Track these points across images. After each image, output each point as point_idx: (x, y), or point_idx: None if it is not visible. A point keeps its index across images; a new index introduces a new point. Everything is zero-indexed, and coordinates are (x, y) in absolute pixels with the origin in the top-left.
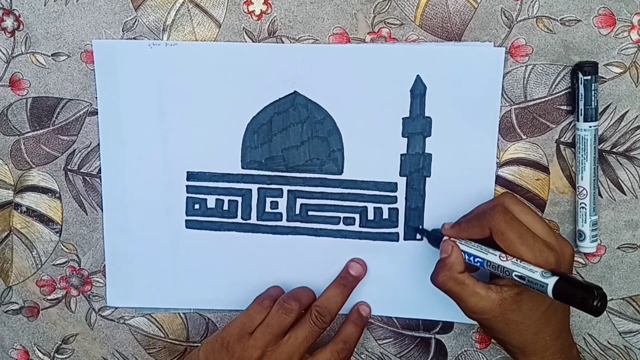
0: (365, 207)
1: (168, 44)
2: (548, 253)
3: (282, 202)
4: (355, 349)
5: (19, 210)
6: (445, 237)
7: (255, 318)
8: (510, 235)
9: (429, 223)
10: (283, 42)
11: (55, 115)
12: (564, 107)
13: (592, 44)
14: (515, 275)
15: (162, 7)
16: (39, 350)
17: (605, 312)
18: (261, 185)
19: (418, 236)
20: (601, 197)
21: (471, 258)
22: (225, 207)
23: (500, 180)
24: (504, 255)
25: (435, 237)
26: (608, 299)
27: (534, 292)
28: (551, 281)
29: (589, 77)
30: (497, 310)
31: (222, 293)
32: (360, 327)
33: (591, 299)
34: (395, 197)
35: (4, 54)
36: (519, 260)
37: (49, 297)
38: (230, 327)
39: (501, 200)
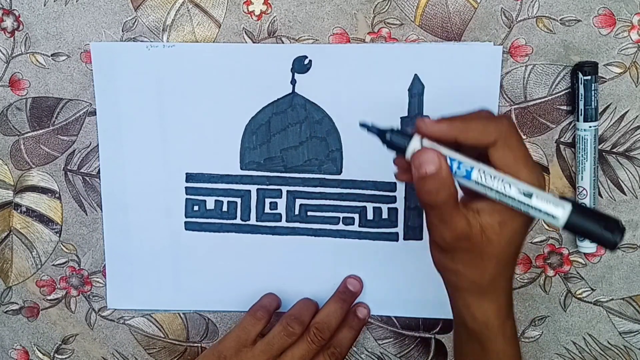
0: (365, 207)
1: (166, 45)
2: (542, 179)
3: (281, 203)
4: (356, 349)
5: (18, 211)
6: (415, 139)
7: (250, 330)
8: (517, 151)
9: None
10: (283, 42)
11: (55, 116)
12: (564, 107)
13: (592, 44)
14: (519, 191)
15: (162, 7)
16: (39, 351)
17: (605, 312)
18: (260, 186)
19: (412, 234)
20: (601, 197)
21: (454, 165)
22: (225, 208)
23: None
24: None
25: (398, 137)
26: (608, 299)
27: (517, 224)
28: (567, 207)
29: (589, 77)
30: (478, 238)
31: (222, 294)
32: (356, 330)
33: (615, 229)
34: (395, 196)
35: (3, 54)
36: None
37: (48, 297)
38: (226, 340)
39: (506, 115)
